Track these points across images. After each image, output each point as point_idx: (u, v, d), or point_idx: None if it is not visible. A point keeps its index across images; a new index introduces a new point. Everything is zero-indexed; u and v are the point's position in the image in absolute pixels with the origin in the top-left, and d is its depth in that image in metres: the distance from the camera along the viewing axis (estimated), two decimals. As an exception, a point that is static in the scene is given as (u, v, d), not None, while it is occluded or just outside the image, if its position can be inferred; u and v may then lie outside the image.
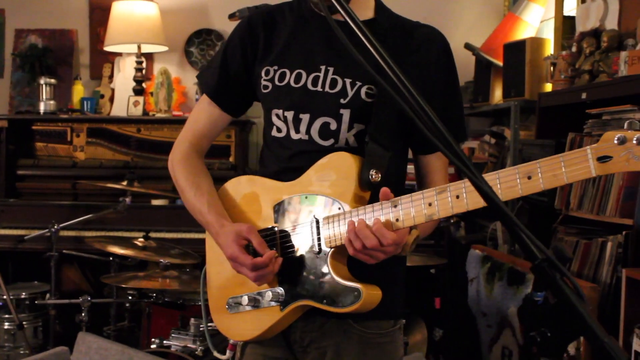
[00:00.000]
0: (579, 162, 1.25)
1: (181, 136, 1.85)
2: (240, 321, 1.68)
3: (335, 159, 1.57)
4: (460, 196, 1.38)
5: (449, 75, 1.71)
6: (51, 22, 5.09)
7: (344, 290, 1.52)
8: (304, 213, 1.60)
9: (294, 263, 1.61)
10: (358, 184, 1.53)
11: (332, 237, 1.54)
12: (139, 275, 3.31)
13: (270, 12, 1.77)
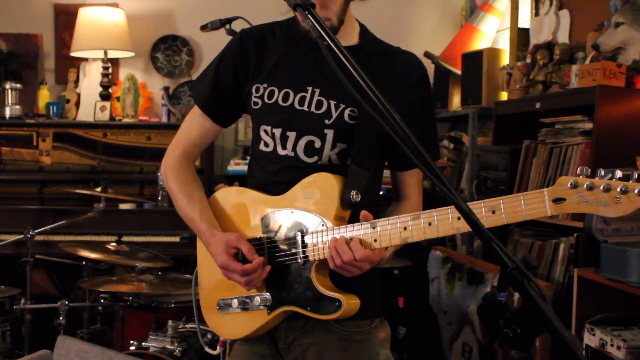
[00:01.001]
0: (537, 202, 1.43)
1: (173, 144, 1.97)
2: (230, 321, 1.82)
3: (319, 178, 1.72)
4: (432, 223, 1.55)
5: (426, 99, 1.87)
6: (15, 27, 5.12)
7: (326, 300, 1.68)
8: (290, 226, 1.74)
9: (280, 271, 1.75)
10: (340, 203, 1.67)
11: (316, 250, 1.69)
12: (113, 279, 3.40)
13: (261, 31, 1.89)
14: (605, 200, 1.35)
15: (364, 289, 1.75)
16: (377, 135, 1.77)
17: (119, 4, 5.05)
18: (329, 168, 1.75)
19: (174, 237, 4.40)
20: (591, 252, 2.90)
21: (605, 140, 3.02)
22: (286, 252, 1.74)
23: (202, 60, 5.11)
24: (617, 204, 1.34)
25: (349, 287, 1.71)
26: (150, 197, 4.68)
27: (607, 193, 1.34)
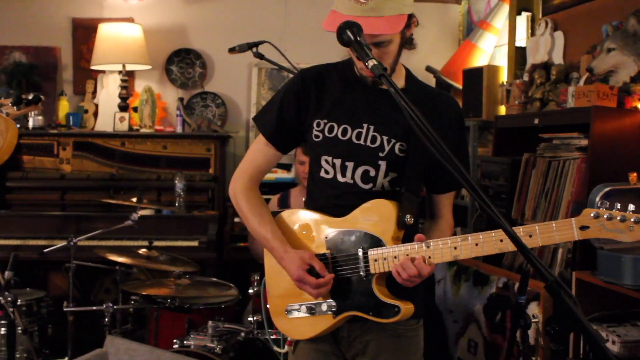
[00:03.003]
0: (567, 228, 1.78)
1: (240, 170, 2.26)
2: (297, 324, 2.14)
3: (377, 204, 2.04)
4: (479, 244, 1.89)
5: (462, 134, 2.23)
6: (35, 40, 5.36)
7: (387, 306, 2.02)
8: (352, 244, 2.06)
9: (343, 282, 2.08)
10: (396, 225, 2.00)
11: (376, 265, 2.02)
12: (146, 282, 3.69)
13: (320, 72, 2.20)
14: (622, 228, 1.70)
15: (413, 295, 2.08)
16: (424, 166, 2.09)
17: (135, 18, 5.32)
18: (382, 194, 2.08)
19: (193, 242, 4.68)
20: (587, 257, 3.22)
21: (599, 156, 3.34)
22: (349, 266, 2.06)
23: (214, 72, 5.39)
24: (631, 231, 1.70)
25: (402, 293, 2.04)
26: (167, 203, 4.95)
27: (623, 223, 1.70)
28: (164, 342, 3.59)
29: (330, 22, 1.98)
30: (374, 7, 1.94)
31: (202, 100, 5.33)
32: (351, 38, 1.80)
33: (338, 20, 1.91)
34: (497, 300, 3.57)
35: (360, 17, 1.93)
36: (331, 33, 1.86)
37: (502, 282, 3.54)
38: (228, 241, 4.88)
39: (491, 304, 3.61)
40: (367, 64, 1.73)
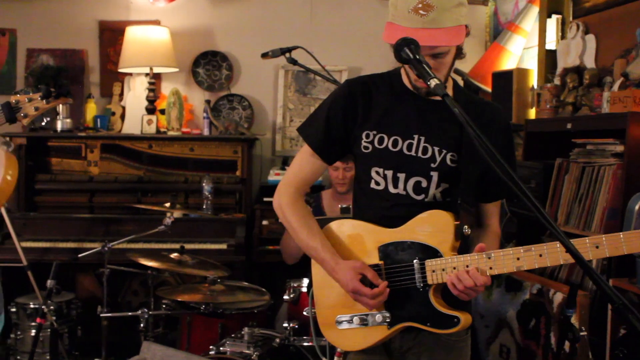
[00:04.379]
0: (636, 239, 1.78)
1: (286, 181, 2.26)
2: (349, 335, 2.14)
3: (434, 214, 2.04)
4: (543, 255, 1.87)
5: (511, 143, 2.22)
6: (62, 42, 5.38)
7: (445, 317, 2.02)
8: (408, 255, 2.06)
9: (397, 293, 2.07)
10: (454, 236, 1.99)
11: (433, 276, 2.02)
12: (178, 288, 3.70)
13: (365, 82, 2.20)
14: None
15: (466, 305, 2.08)
16: (476, 176, 2.09)
17: (161, 20, 5.33)
18: (434, 204, 2.07)
19: (221, 245, 4.69)
20: (624, 264, 3.21)
21: (636, 162, 3.32)
22: (403, 277, 2.05)
23: (241, 75, 5.40)
24: None
25: (457, 304, 2.04)
26: (194, 206, 4.97)
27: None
28: (197, 347, 3.60)
29: (390, 34, 1.98)
30: (434, 19, 1.94)
31: (229, 103, 5.34)
32: (410, 56, 1.80)
33: (399, 33, 1.91)
34: (531, 306, 3.56)
35: (421, 29, 1.93)
36: (357, 36, 1.86)
37: (536, 288, 3.53)
38: (257, 244, 4.88)
39: (525, 310, 3.60)
40: (428, 83, 1.73)
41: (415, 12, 1.96)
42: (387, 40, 2.00)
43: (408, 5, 1.97)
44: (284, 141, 5.36)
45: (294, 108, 5.37)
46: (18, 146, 4.98)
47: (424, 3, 1.95)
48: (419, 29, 1.95)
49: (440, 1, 1.96)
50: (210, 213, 4.85)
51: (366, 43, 5.30)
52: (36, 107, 3.04)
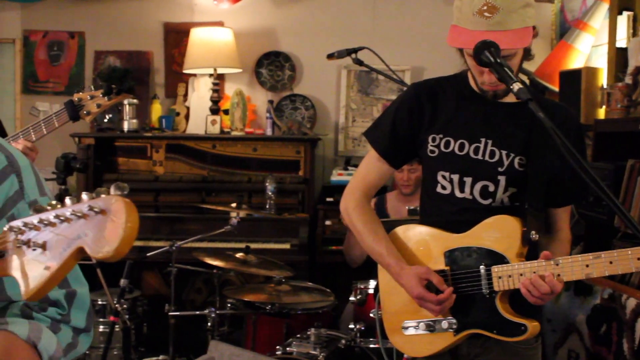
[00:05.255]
0: None
1: (352, 185, 2.26)
2: (415, 341, 2.12)
3: (500, 220, 2.01)
4: (613, 262, 1.82)
5: (582, 146, 2.17)
6: (128, 44, 5.48)
7: (512, 325, 1.99)
8: (474, 261, 2.03)
9: (463, 299, 2.05)
10: (521, 242, 1.95)
11: (500, 283, 1.98)
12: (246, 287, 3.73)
13: (432, 86, 2.19)
14: None
15: (535, 312, 2.04)
16: (545, 180, 2.04)
17: (225, 22, 5.38)
18: (502, 209, 2.04)
19: (285, 244, 4.71)
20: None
21: None
22: (469, 283, 2.03)
23: (303, 75, 5.41)
24: None
25: (525, 311, 2.00)
26: (257, 206, 5.00)
27: None
28: (262, 346, 3.62)
29: (454, 37, 1.96)
30: (500, 21, 1.91)
31: (292, 103, 5.36)
32: (491, 60, 1.78)
33: (463, 36, 1.89)
34: (602, 311, 3.47)
35: (486, 32, 1.90)
36: (420, 35, 1.84)
37: (607, 293, 3.44)
38: (320, 244, 4.89)
39: (595, 315, 3.51)
40: (511, 87, 1.70)
41: (480, 14, 1.93)
42: (451, 43, 1.98)
43: (473, 8, 1.94)
44: (346, 141, 5.35)
45: (356, 108, 5.36)
46: (86, 146, 5.09)
47: (488, 5, 1.93)
48: (483, 31, 1.92)
49: (506, 3, 1.93)
50: (273, 213, 4.87)
51: (429, 43, 5.24)
52: (98, 104, 3.09)
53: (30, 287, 0.94)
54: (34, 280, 0.94)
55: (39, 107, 5.55)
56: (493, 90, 2.04)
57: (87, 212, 0.91)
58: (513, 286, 1.96)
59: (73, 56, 5.53)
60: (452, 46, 1.98)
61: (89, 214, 0.91)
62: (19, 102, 5.55)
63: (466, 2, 1.96)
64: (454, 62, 2.32)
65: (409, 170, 3.89)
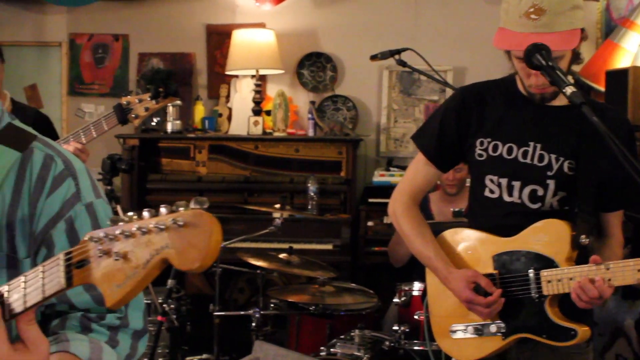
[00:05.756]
0: None
1: (400, 189, 2.26)
2: (463, 345, 2.12)
3: (549, 224, 2.00)
4: None
5: (633, 149, 2.14)
6: (171, 46, 5.55)
7: (562, 329, 1.98)
8: (523, 265, 2.02)
9: (512, 303, 2.04)
10: (571, 246, 1.94)
11: (550, 287, 1.97)
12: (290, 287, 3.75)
13: (480, 90, 2.18)
14: None
15: (585, 317, 2.03)
16: (595, 184, 2.02)
17: (266, 23, 5.41)
18: (551, 213, 2.02)
19: (327, 245, 4.72)
20: None
21: None
22: (519, 287, 2.02)
23: (345, 75, 5.42)
24: None
25: (575, 315, 1.98)
26: (299, 206, 5.01)
27: None
28: (306, 347, 3.64)
29: (501, 40, 1.95)
30: (547, 23, 1.90)
31: (333, 104, 5.36)
32: (542, 63, 1.77)
33: (510, 38, 1.88)
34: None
35: (533, 34, 1.89)
36: (462, 35, 1.83)
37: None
38: (362, 245, 4.89)
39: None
40: (564, 90, 1.69)
41: (527, 16, 1.92)
42: (497, 45, 1.97)
43: (519, 10, 1.94)
44: (388, 142, 5.34)
45: (398, 109, 5.35)
46: (131, 147, 5.16)
47: (535, 7, 1.92)
48: (530, 33, 1.92)
49: (553, 5, 1.92)
50: (315, 214, 4.88)
51: (471, 43, 5.21)
52: (146, 107, 3.13)
53: (113, 296, 0.97)
54: (117, 289, 0.97)
55: (84, 109, 5.65)
56: (541, 93, 2.03)
57: (170, 225, 0.94)
58: (562, 290, 1.95)
59: (117, 58, 5.62)
60: (499, 48, 1.97)
61: (172, 227, 0.94)
62: (65, 104, 5.66)
63: (513, 5, 1.95)
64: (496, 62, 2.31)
65: (455, 170, 3.86)
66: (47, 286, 1.04)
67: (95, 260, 0.99)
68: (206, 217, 0.93)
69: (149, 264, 0.95)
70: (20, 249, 1.29)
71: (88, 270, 1.00)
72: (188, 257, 0.92)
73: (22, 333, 1.06)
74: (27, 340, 1.06)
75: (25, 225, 1.29)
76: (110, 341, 1.29)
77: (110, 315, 1.31)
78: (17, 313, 1.06)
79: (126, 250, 0.97)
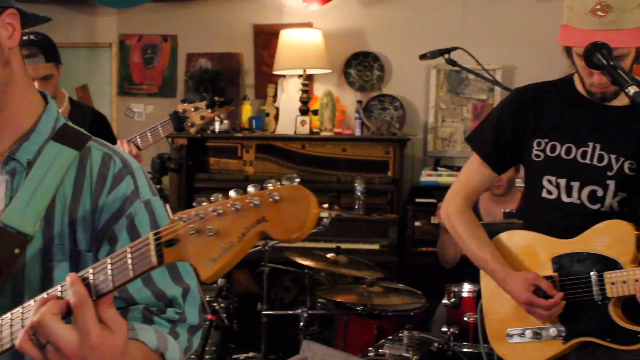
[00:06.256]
0: None
1: (454, 190, 2.24)
2: (520, 349, 2.09)
3: (612, 224, 1.96)
4: None
5: None
6: (218, 46, 5.59)
7: (627, 332, 1.93)
8: (584, 267, 1.99)
9: (573, 306, 2.00)
10: (635, 247, 1.90)
11: (615, 289, 1.93)
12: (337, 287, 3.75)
13: (537, 90, 2.15)
14: None
15: None
16: None
17: (314, 23, 5.41)
18: (611, 214, 1.99)
19: (374, 245, 4.71)
20: None
21: None
22: (580, 290, 1.98)
23: (392, 75, 5.40)
24: None
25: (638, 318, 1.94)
26: (345, 206, 5.01)
27: None
28: (353, 347, 3.63)
29: (565, 37, 1.92)
30: (613, 20, 1.86)
31: (380, 103, 5.34)
32: (603, 62, 1.74)
33: (575, 35, 1.85)
34: None
35: (599, 31, 1.85)
36: (511, 33, 1.79)
37: None
38: (410, 245, 4.86)
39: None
40: (627, 90, 1.66)
41: (593, 13, 1.89)
42: (562, 43, 1.94)
43: (585, 7, 1.90)
44: (435, 141, 5.31)
45: (446, 108, 5.31)
46: (179, 146, 5.21)
47: (602, 4, 1.88)
48: (596, 30, 1.88)
49: (620, 2, 1.89)
50: (362, 213, 4.88)
51: (520, 41, 5.14)
52: (202, 116, 3.16)
53: (207, 270, 1.01)
54: (211, 263, 1.01)
55: (133, 109, 5.73)
56: (602, 92, 2.00)
57: (265, 200, 0.99)
58: (627, 292, 1.92)
59: (166, 59, 5.68)
60: (563, 45, 1.95)
61: (267, 202, 0.98)
62: (114, 104, 5.74)
63: (578, 1, 1.92)
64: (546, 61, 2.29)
65: None
66: (136, 265, 1.07)
67: (187, 238, 1.02)
68: (304, 190, 0.99)
69: (244, 237, 0.99)
70: (81, 243, 1.33)
71: (178, 248, 1.03)
72: (287, 228, 0.97)
73: (102, 315, 1.08)
74: (107, 321, 1.08)
75: (86, 221, 1.33)
76: (171, 332, 1.32)
77: (170, 309, 1.34)
78: (104, 293, 1.09)
79: (220, 226, 1.00)
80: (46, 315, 1.07)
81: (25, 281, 1.30)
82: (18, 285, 1.30)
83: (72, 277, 1.10)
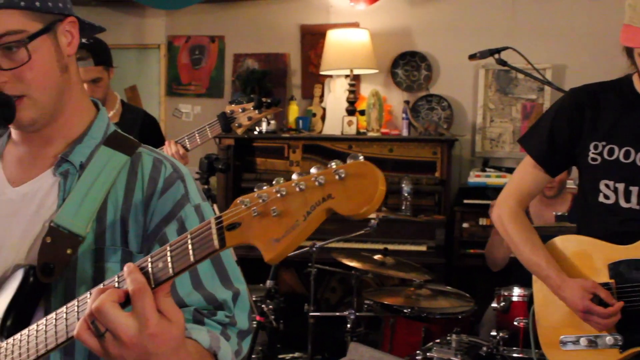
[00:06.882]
0: None
1: (506, 193, 2.20)
2: (574, 357, 2.05)
3: None
4: None
5: None
6: (265, 47, 5.62)
7: None
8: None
9: (630, 314, 1.95)
10: None
11: None
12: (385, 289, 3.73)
13: (593, 91, 2.09)
14: None
15: None
16: None
17: (360, 23, 5.39)
18: None
19: (421, 246, 4.67)
20: None
21: None
22: (639, 297, 1.92)
23: (440, 75, 5.35)
24: None
25: None
26: (392, 207, 4.98)
27: None
28: (400, 349, 3.60)
29: (629, 37, 1.86)
30: None
31: (428, 103, 5.30)
32: None
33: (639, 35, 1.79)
34: None
35: None
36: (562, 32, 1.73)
37: None
38: (457, 247, 4.81)
39: None
40: None
41: None
42: (626, 43, 1.88)
43: None
44: (484, 142, 5.24)
45: (494, 108, 5.24)
46: (226, 147, 5.25)
47: None
48: None
49: None
50: (409, 214, 4.85)
51: (571, 40, 5.04)
52: (249, 117, 3.17)
53: (271, 250, 1.00)
54: (275, 243, 1.00)
55: (181, 109, 5.79)
56: None
57: (331, 178, 0.98)
58: None
59: (213, 59, 5.72)
60: (627, 46, 1.89)
61: (333, 180, 0.98)
62: (163, 105, 5.81)
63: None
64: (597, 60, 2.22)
65: None
66: (197, 250, 1.06)
67: (249, 221, 1.02)
68: (370, 165, 0.97)
69: (310, 215, 0.98)
70: (132, 244, 1.35)
71: (240, 231, 1.03)
72: (355, 204, 0.96)
73: (160, 304, 1.08)
74: (166, 311, 1.08)
75: (138, 223, 1.35)
76: (222, 334, 1.32)
77: (220, 312, 1.34)
78: (163, 280, 1.09)
79: (284, 207, 1.00)
80: (106, 302, 1.07)
81: (77, 282, 1.32)
82: (70, 285, 1.32)
83: (130, 267, 1.10)
